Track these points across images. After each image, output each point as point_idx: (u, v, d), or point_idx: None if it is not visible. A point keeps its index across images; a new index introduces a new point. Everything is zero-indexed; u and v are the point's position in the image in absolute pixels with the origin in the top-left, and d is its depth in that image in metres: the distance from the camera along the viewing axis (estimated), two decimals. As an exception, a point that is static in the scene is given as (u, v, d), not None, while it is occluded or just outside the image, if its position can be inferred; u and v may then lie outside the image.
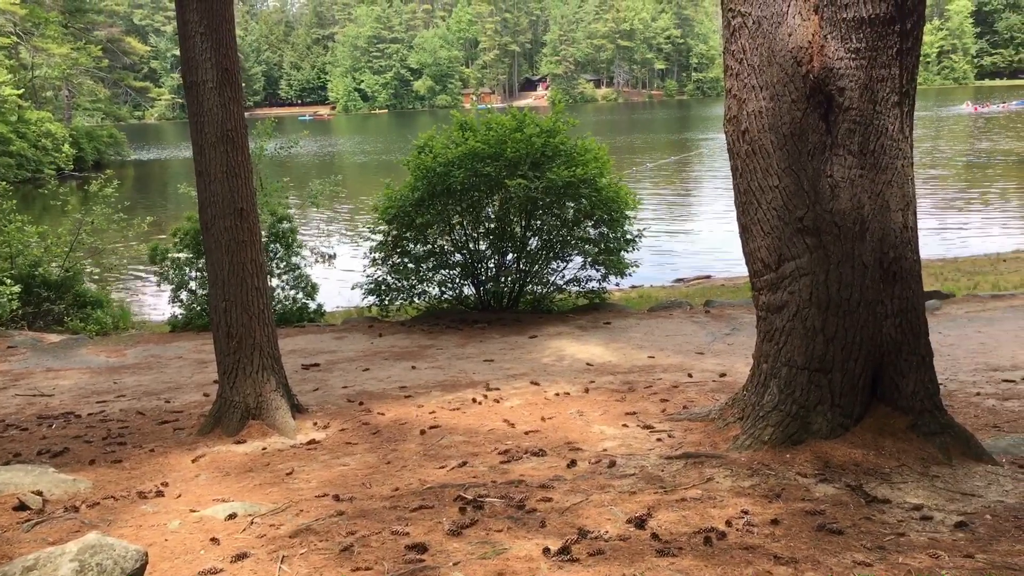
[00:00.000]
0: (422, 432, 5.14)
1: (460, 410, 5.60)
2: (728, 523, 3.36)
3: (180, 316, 8.92)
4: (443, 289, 9.36)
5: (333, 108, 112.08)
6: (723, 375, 6.26)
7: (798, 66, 4.14)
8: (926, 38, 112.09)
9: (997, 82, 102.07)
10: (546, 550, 3.17)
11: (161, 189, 33.07)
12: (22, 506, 3.96)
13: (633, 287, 11.44)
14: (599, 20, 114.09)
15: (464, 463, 4.54)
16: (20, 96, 31.67)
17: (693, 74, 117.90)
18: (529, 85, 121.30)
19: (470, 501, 3.82)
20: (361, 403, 5.85)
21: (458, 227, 8.83)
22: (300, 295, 9.44)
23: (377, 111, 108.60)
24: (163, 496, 4.20)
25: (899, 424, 4.24)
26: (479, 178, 8.07)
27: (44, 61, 34.05)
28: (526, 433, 5.07)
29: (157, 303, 11.53)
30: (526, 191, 7.94)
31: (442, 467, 4.52)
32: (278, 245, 9.05)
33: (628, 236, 8.96)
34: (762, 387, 4.48)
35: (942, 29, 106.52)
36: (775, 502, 3.62)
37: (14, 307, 8.95)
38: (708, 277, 12.62)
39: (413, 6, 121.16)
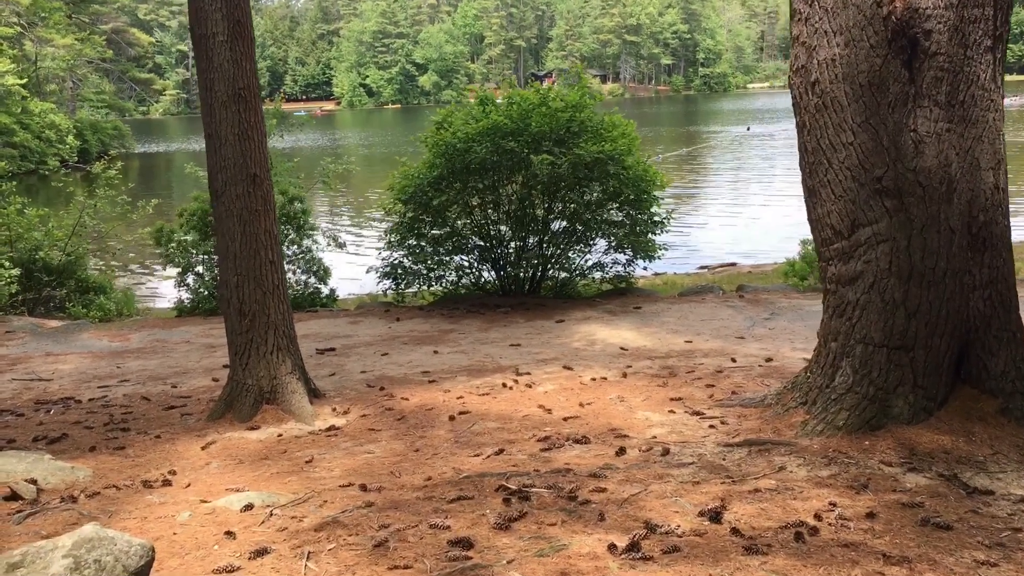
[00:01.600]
0: (451, 418, 4.73)
1: (490, 395, 5.18)
2: (817, 517, 2.94)
3: (187, 300, 8.51)
4: (460, 273, 8.93)
5: (338, 103, 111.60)
6: (769, 360, 5.83)
7: (878, 7, 3.71)
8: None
9: (1009, 77, 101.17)
10: (612, 546, 2.75)
11: (166, 181, 32.72)
12: (14, 496, 3.56)
13: (656, 274, 11.00)
14: (605, 15, 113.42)
15: (501, 451, 4.13)
16: (24, 87, 31.31)
17: (700, 69, 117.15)
18: (535, 80, 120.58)
19: (514, 491, 3.40)
20: (382, 388, 5.44)
21: (478, 208, 8.39)
22: (312, 279, 9.03)
23: (389, 106, 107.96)
24: (170, 485, 3.79)
25: (988, 408, 3.81)
26: (502, 155, 7.63)
27: (49, 52, 33.73)
28: (565, 419, 4.65)
29: (161, 289, 11.14)
30: (551, 168, 7.50)
31: (477, 455, 4.11)
32: (289, 227, 8.64)
33: (656, 218, 8.52)
34: (831, 368, 4.05)
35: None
36: (863, 494, 3.19)
37: (13, 291, 8.56)
38: (733, 264, 12.18)
39: (418, 1, 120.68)
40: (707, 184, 24.90)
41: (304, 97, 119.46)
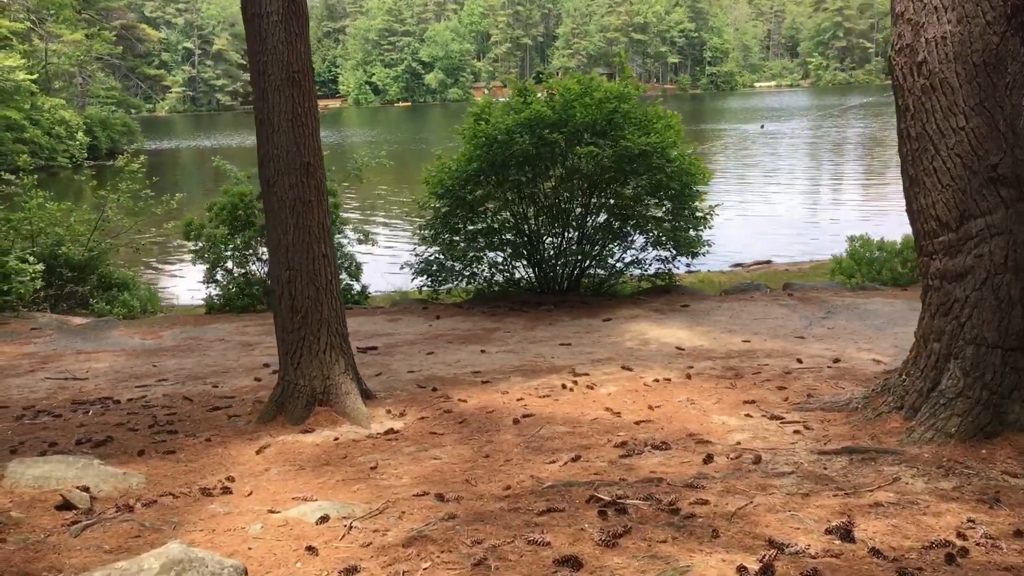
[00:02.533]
0: (515, 421, 4.47)
1: (551, 397, 4.92)
2: (960, 535, 2.67)
3: (217, 297, 8.26)
4: (495, 270, 8.66)
5: (344, 101, 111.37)
6: (837, 360, 5.56)
7: (997, -19, 3.44)
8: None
9: None
10: (741, 569, 2.48)
11: (174, 178, 32.48)
12: (67, 504, 3.31)
13: (689, 271, 10.72)
14: (612, 13, 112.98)
15: (577, 457, 3.87)
16: (34, 82, 31.10)
17: (707, 68, 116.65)
18: (541, 79, 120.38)
19: (609, 503, 3.14)
20: (435, 389, 5.18)
21: (515, 203, 8.12)
22: (344, 276, 8.76)
23: (399, 103, 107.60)
24: (231, 493, 3.54)
25: (1112, 414, 3.54)
26: (543, 147, 7.35)
27: (57, 48, 33.51)
28: (636, 423, 4.39)
29: (184, 285, 10.89)
30: (596, 160, 7.22)
31: (552, 461, 3.85)
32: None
33: (698, 213, 8.24)
34: (933, 370, 3.78)
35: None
36: (998, 508, 2.92)
37: (37, 286, 8.31)
38: (768, 262, 11.89)
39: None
40: (727, 182, 24.57)
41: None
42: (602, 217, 8.24)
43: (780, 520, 2.92)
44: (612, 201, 8.16)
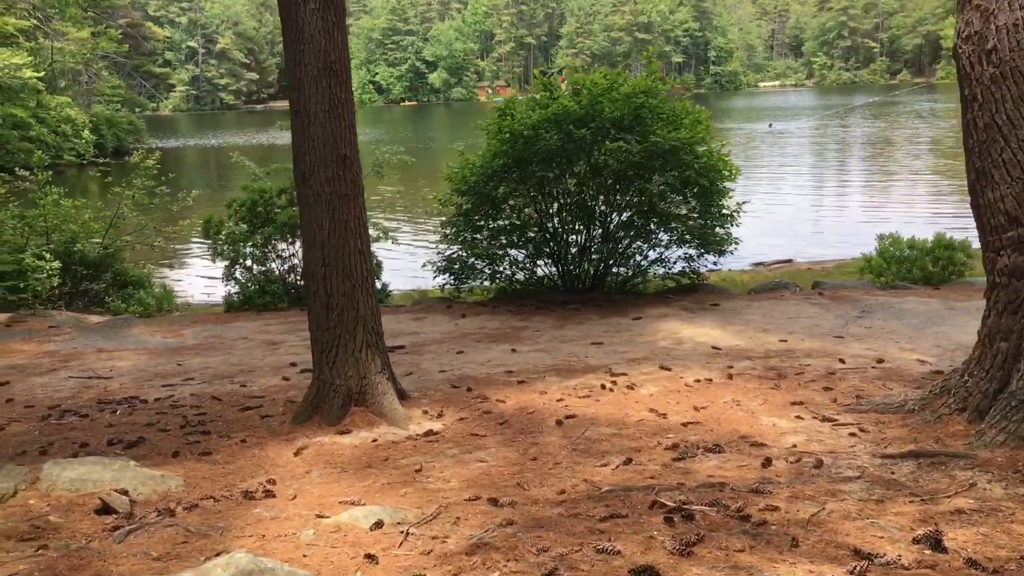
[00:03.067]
0: (558, 423, 4.33)
1: (591, 397, 4.79)
2: (1059, 545, 2.54)
3: (236, 295, 8.12)
4: (516, 268, 8.53)
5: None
6: (880, 361, 5.41)
7: (1075, -35, 3.30)
8: (948, 31, 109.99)
9: None
10: (832, 580, 2.35)
11: (181, 177, 32.37)
12: (106, 508, 3.18)
13: (711, 270, 10.56)
14: (616, 12, 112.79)
15: (629, 460, 3.73)
16: (40, 80, 30.98)
17: (711, 67, 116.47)
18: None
19: (674, 509, 3.01)
20: (469, 389, 5.05)
21: (539, 200, 7.98)
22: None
23: (405, 103, 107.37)
24: (274, 496, 3.41)
25: None
26: (571, 142, 7.21)
27: (63, 46, 33.38)
28: (684, 425, 4.25)
29: (195, 282, 10.75)
30: (625, 156, 7.08)
31: (603, 464, 3.71)
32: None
33: (724, 211, 8.09)
34: (1000, 370, 3.64)
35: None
36: (1089, 516, 2.79)
37: (54, 284, 8.19)
38: (789, 261, 11.74)
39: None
40: (738, 181, 24.37)
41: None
42: (627, 214, 8.09)
43: (859, 528, 2.78)
44: (637, 198, 8.01)
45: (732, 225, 8.05)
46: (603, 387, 4.96)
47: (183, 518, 3.16)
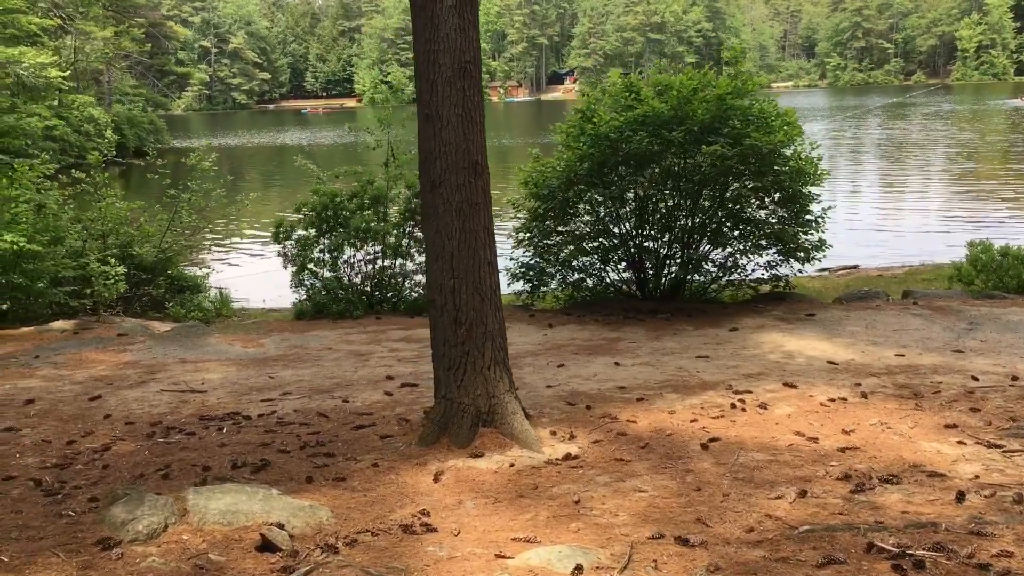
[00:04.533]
0: (703, 447, 4.07)
1: (725, 418, 4.52)
2: None
3: (307, 303, 7.88)
4: (587, 275, 8.27)
5: (360, 100, 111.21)
6: (1016, 379, 5.13)
7: None
8: (963, 32, 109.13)
9: (1019, 78, 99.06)
10: None
11: (200, 175, 32.20)
12: (267, 545, 2.93)
13: (777, 276, 10.27)
14: (629, 13, 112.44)
15: (803, 492, 3.46)
16: (64, 79, 30.89)
17: (724, 68, 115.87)
18: (556, 79, 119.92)
19: (898, 555, 2.74)
20: (589, 407, 4.79)
21: (618, 204, 7.71)
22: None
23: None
24: (436, 531, 3.16)
25: None
26: (663, 145, 6.95)
27: (82, 45, 33.31)
28: (841, 451, 3.99)
29: (251, 288, 10.53)
30: (720, 159, 6.81)
31: (777, 497, 3.45)
32: (414, 223, 7.99)
33: (808, 216, 7.81)
34: None
35: (981, 23, 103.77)
36: None
37: (121, 289, 7.98)
38: (855, 267, 11.44)
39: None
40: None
41: (324, 94, 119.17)
42: (707, 219, 7.82)
43: (1123, 578, 2.51)
44: (719, 203, 7.74)
45: (819, 230, 7.77)
46: (733, 407, 4.69)
47: (350, 556, 2.92)
